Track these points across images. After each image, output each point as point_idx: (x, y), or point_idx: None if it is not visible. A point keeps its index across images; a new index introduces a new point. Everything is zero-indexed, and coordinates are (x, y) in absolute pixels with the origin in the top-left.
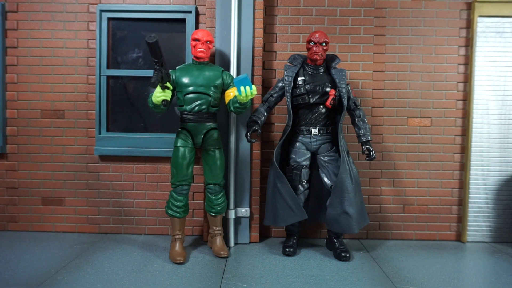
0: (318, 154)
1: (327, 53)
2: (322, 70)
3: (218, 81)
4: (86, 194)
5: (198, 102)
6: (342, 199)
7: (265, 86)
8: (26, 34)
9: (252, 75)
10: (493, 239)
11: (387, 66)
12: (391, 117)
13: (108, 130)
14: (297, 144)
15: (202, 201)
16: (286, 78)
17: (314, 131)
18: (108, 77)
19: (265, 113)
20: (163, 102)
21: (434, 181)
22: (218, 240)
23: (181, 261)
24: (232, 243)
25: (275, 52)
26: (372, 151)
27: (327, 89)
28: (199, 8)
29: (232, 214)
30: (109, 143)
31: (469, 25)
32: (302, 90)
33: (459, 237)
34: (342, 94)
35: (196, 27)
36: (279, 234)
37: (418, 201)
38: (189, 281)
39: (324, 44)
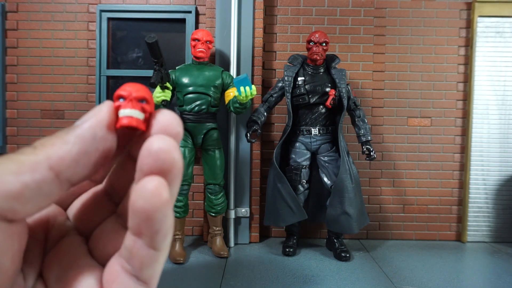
0: (318, 154)
1: (327, 53)
2: (322, 70)
3: (218, 81)
4: None
5: (198, 102)
6: (342, 199)
7: (265, 86)
8: (26, 34)
9: (252, 75)
10: (493, 239)
11: (387, 66)
12: (391, 117)
13: None
14: (297, 144)
15: (202, 201)
16: (286, 78)
17: (314, 131)
18: (108, 77)
19: (265, 113)
20: (163, 103)
21: (434, 181)
22: (218, 240)
23: (181, 261)
24: (232, 243)
25: (275, 52)
26: (372, 151)
27: (327, 89)
28: (199, 8)
29: (232, 214)
30: None
31: (469, 25)
32: (302, 90)
33: (459, 237)
34: (342, 94)
35: (196, 27)
36: (279, 234)
37: (418, 201)
38: (189, 281)
39: (324, 44)
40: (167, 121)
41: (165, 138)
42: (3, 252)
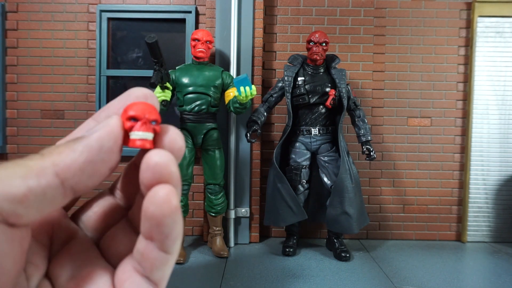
0: (318, 154)
1: (327, 53)
2: (322, 70)
3: (218, 81)
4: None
5: (198, 102)
6: (342, 199)
7: (265, 86)
8: (26, 34)
9: (252, 75)
10: (493, 239)
11: (387, 66)
12: (391, 117)
13: None
14: (297, 144)
15: (202, 201)
16: (286, 78)
17: (314, 131)
18: (108, 77)
19: (265, 113)
20: (163, 103)
21: (434, 181)
22: (218, 240)
23: (181, 261)
24: (232, 243)
25: (275, 52)
26: (372, 151)
27: (327, 89)
28: (199, 8)
29: (232, 214)
30: None
31: (469, 25)
32: (302, 90)
33: (459, 237)
34: (342, 94)
35: (196, 27)
36: (279, 234)
37: (418, 201)
38: (189, 281)
39: (324, 44)
40: (171, 136)
41: (163, 152)
42: (4, 254)
